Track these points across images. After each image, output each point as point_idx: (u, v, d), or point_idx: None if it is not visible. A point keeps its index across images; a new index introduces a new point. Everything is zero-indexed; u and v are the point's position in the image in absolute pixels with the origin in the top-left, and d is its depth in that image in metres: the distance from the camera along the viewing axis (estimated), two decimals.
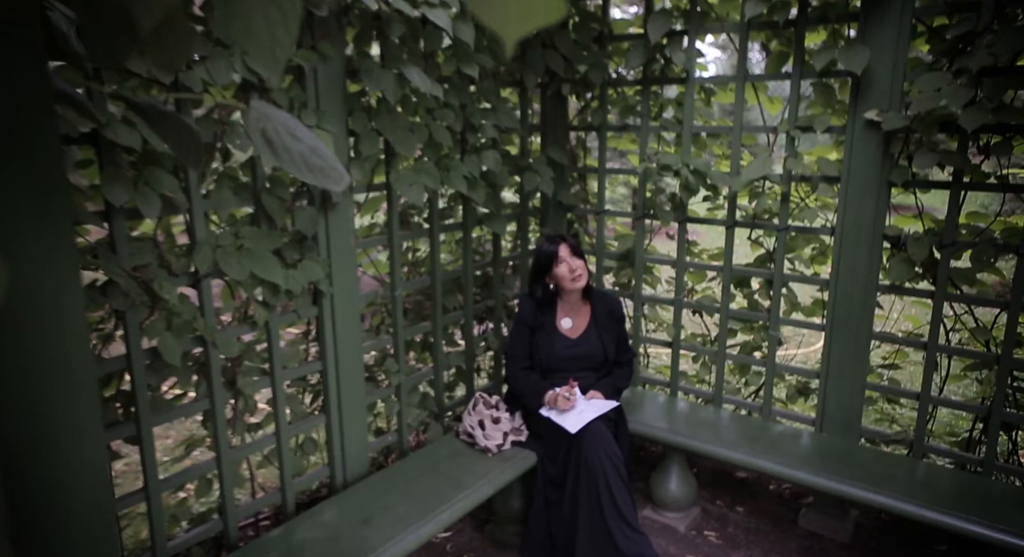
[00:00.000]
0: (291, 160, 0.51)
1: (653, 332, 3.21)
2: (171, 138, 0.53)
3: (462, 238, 2.60)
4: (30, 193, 0.59)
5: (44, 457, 0.99)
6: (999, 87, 1.94)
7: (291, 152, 0.51)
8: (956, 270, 2.17)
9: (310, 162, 0.52)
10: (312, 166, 0.52)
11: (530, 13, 0.36)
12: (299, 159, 0.52)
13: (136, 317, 1.69)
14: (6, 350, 0.85)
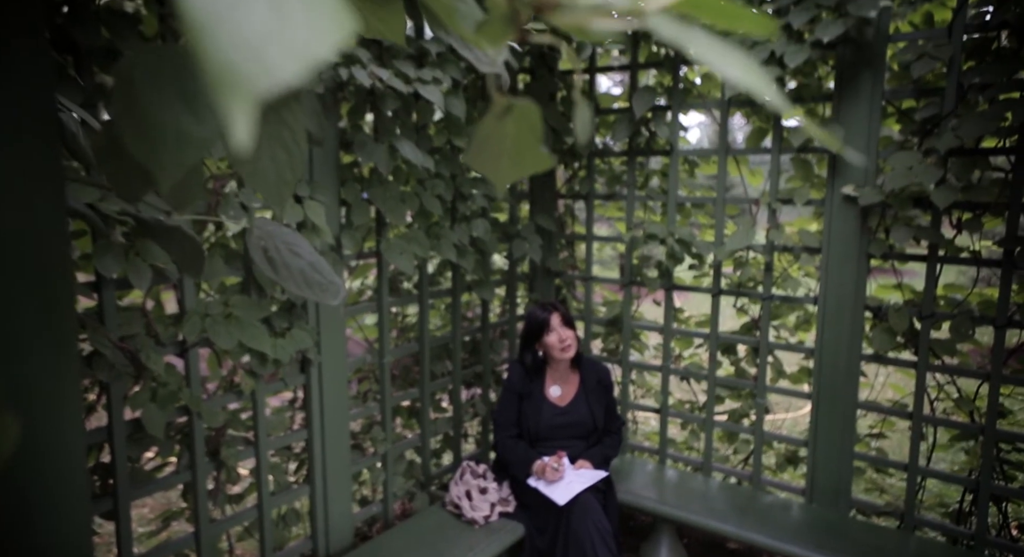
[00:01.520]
0: (290, 277, 0.53)
1: (641, 398, 3.21)
2: (175, 250, 0.55)
3: (451, 304, 2.61)
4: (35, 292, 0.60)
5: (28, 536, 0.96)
6: (966, 167, 2.03)
7: (291, 269, 0.53)
8: (937, 341, 2.20)
9: (308, 278, 0.54)
10: (311, 282, 0.54)
11: (520, 167, 0.40)
12: (298, 275, 0.54)
13: (120, 388, 1.68)
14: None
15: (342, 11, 0.21)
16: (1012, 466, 2.32)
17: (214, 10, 0.19)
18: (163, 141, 0.35)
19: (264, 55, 0.19)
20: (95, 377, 1.63)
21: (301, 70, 0.19)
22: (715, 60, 0.25)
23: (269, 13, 0.20)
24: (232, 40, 0.19)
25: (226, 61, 0.19)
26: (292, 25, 0.20)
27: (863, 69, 2.17)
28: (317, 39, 0.20)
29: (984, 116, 1.96)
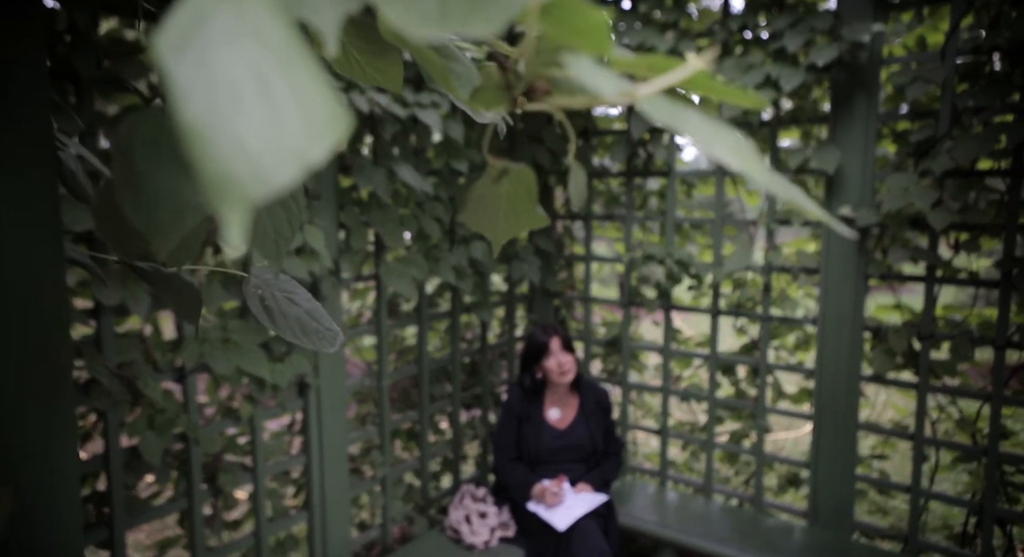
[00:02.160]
0: (287, 326, 0.53)
1: (641, 419, 3.19)
2: (173, 298, 0.55)
3: (450, 326, 2.61)
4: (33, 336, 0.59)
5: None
6: (962, 188, 2.04)
7: (287, 318, 0.53)
8: (937, 362, 2.20)
9: (306, 326, 0.54)
10: (307, 330, 0.54)
11: (515, 225, 0.40)
12: (295, 324, 0.53)
13: (117, 415, 1.67)
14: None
15: (336, 110, 0.21)
16: (1016, 488, 2.30)
17: (211, 115, 0.19)
18: (160, 210, 0.35)
19: (260, 162, 0.19)
20: (92, 405, 1.62)
21: (296, 175, 0.20)
22: (709, 145, 0.25)
23: (265, 117, 0.20)
24: (228, 147, 0.19)
25: (222, 169, 0.19)
26: (287, 129, 0.20)
27: (858, 92, 2.19)
28: (312, 142, 0.20)
29: (979, 138, 1.97)
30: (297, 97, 0.20)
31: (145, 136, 0.36)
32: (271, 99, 0.20)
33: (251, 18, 0.21)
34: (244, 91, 0.20)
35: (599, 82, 0.23)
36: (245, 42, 0.21)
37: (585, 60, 0.25)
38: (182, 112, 0.19)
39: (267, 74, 0.20)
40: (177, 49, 0.20)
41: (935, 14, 2.36)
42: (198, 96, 0.19)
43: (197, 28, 0.20)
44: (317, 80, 0.21)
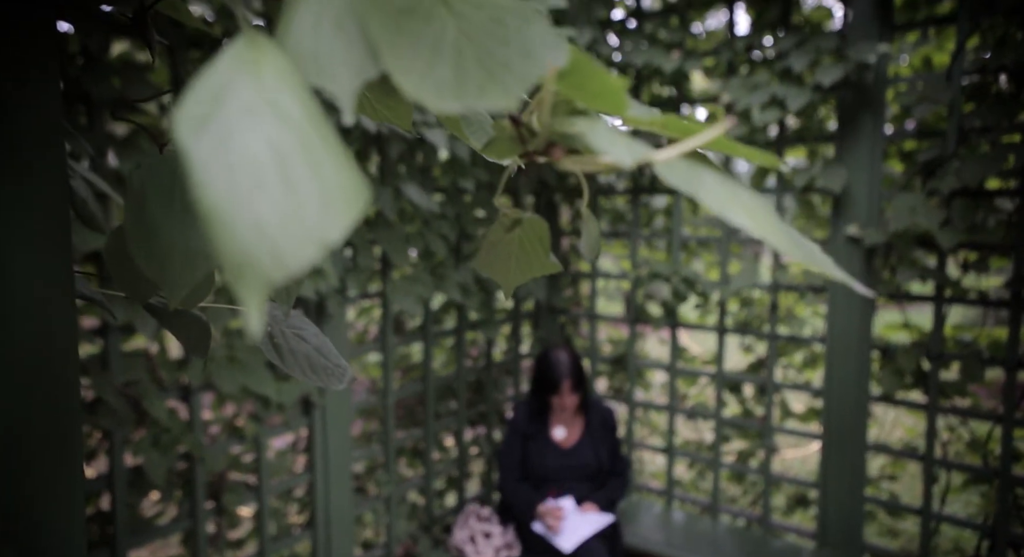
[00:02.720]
0: (296, 363, 0.53)
1: (647, 437, 3.17)
2: (182, 333, 0.55)
3: (455, 344, 2.60)
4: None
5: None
6: (970, 208, 2.03)
7: (296, 355, 0.53)
8: (946, 382, 2.18)
9: (314, 362, 0.54)
10: (316, 367, 0.54)
11: (528, 271, 0.40)
12: (303, 361, 0.53)
13: (122, 435, 1.67)
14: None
15: (354, 185, 0.21)
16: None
17: (231, 198, 0.19)
18: (171, 259, 0.35)
19: (279, 245, 0.19)
20: (97, 424, 1.62)
21: (315, 256, 0.20)
22: (725, 209, 0.25)
23: (284, 199, 0.20)
24: (248, 231, 0.19)
25: (241, 253, 0.19)
26: (306, 210, 0.20)
27: (864, 111, 2.19)
28: (331, 222, 0.20)
29: (986, 158, 1.97)
30: (316, 175, 0.20)
31: (158, 182, 0.36)
32: (290, 179, 0.20)
33: (269, 89, 0.22)
34: (264, 172, 0.20)
35: (618, 151, 0.23)
36: (264, 117, 0.21)
37: (602, 127, 0.25)
38: (202, 195, 0.19)
39: (286, 152, 0.20)
40: (197, 128, 0.20)
41: (941, 34, 2.37)
42: (218, 178, 0.19)
43: (216, 104, 0.20)
44: (335, 155, 0.21)
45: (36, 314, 0.60)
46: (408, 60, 0.23)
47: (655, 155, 0.24)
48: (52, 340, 0.57)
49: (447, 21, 0.25)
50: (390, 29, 0.24)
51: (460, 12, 0.25)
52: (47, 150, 0.56)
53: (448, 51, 0.24)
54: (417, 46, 0.24)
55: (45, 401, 0.59)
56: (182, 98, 0.21)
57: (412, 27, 0.24)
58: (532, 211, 2.96)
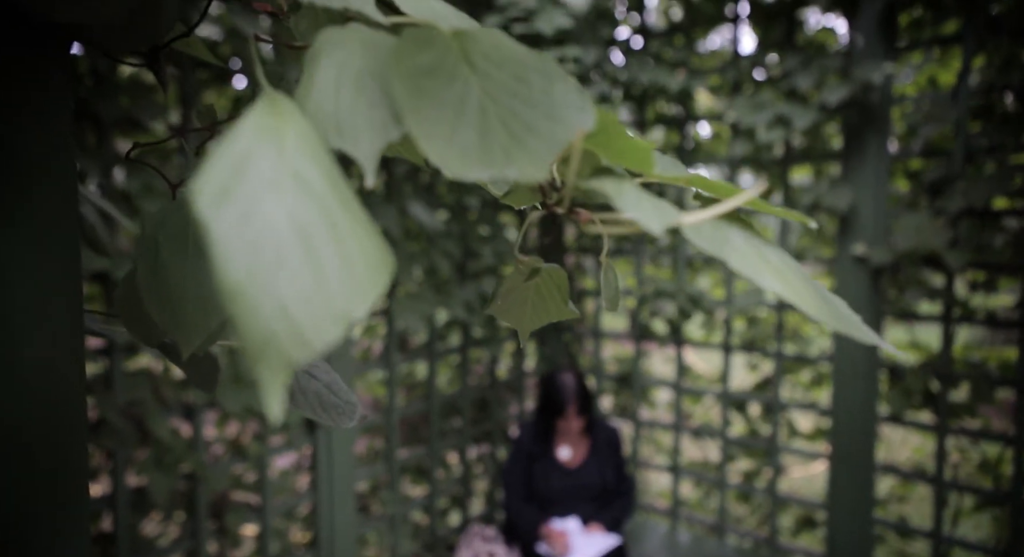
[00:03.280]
0: (306, 402, 0.52)
1: (653, 455, 3.15)
2: (191, 369, 0.54)
3: (460, 362, 2.59)
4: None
5: None
6: (977, 228, 2.02)
7: (306, 394, 0.52)
8: (956, 404, 2.16)
9: (324, 400, 0.53)
10: (326, 404, 0.53)
11: (544, 317, 0.39)
12: (313, 399, 0.53)
13: (125, 454, 1.66)
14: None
15: (379, 258, 0.20)
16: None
17: (253, 276, 0.19)
18: (184, 308, 0.34)
19: (302, 325, 0.19)
20: (101, 444, 1.61)
21: (339, 334, 0.19)
22: (755, 273, 0.24)
23: (307, 276, 0.19)
24: (270, 310, 0.18)
25: (263, 333, 0.18)
26: (330, 288, 0.19)
27: (870, 131, 2.19)
28: (355, 300, 0.19)
29: (993, 178, 1.96)
30: (339, 250, 0.20)
31: (170, 230, 0.35)
32: (313, 256, 0.19)
33: (291, 159, 0.21)
34: (286, 248, 0.19)
35: (646, 217, 0.23)
36: (286, 189, 0.20)
37: (629, 191, 0.24)
38: (224, 274, 0.18)
39: (309, 226, 0.20)
40: (218, 201, 0.19)
41: (946, 54, 2.37)
42: (239, 256, 0.19)
43: (238, 176, 0.20)
44: (359, 227, 0.20)
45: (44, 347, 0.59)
46: (432, 123, 0.23)
47: (684, 219, 0.24)
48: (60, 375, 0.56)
49: (470, 80, 0.24)
50: (412, 90, 0.23)
51: (483, 71, 0.25)
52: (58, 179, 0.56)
53: (472, 113, 0.23)
54: (441, 108, 0.23)
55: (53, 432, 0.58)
56: (201, 168, 0.20)
57: (435, 88, 0.24)
58: (537, 228, 2.95)
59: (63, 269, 0.56)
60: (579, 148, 0.23)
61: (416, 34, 0.25)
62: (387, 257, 0.21)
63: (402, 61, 0.24)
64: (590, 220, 0.26)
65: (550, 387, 2.31)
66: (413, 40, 0.25)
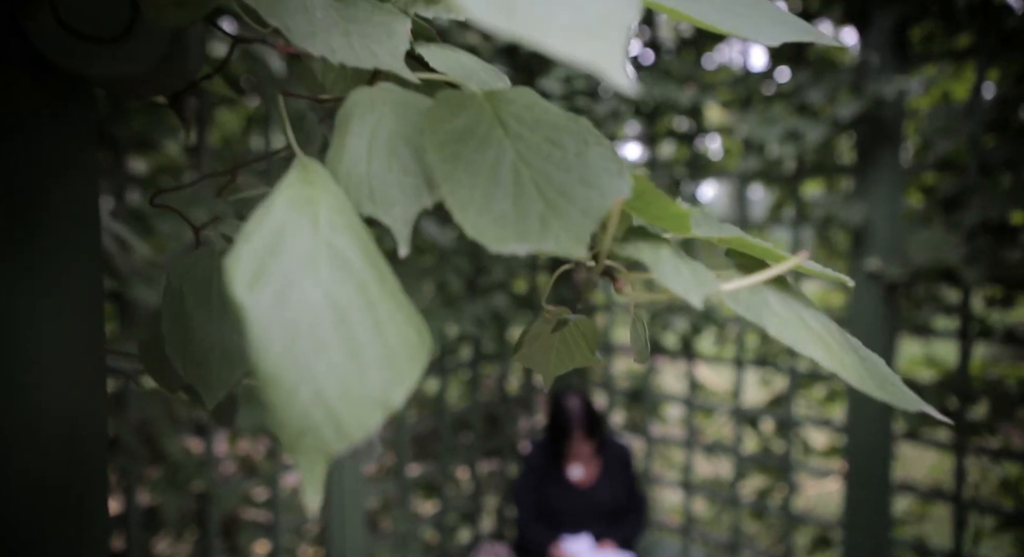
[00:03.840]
0: None
1: (664, 470, 3.12)
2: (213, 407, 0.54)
3: (471, 377, 2.59)
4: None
5: None
6: (993, 243, 2.00)
7: None
8: (975, 422, 2.13)
9: None
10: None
11: (569, 363, 0.38)
12: None
13: (137, 473, 1.66)
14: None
15: (417, 338, 0.20)
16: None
17: (290, 362, 0.18)
18: (209, 361, 0.34)
19: (340, 414, 0.18)
20: (114, 463, 1.61)
21: (378, 422, 0.18)
22: (796, 340, 0.24)
23: (345, 361, 0.19)
24: (308, 398, 0.18)
25: (301, 420, 0.18)
26: (368, 374, 0.19)
27: (883, 145, 2.18)
28: (394, 385, 0.19)
29: (1009, 192, 1.94)
30: (377, 332, 0.19)
31: (194, 281, 0.35)
32: (351, 338, 0.19)
33: (325, 232, 0.21)
34: (324, 331, 0.19)
35: (685, 288, 0.22)
36: (322, 265, 0.20)
37: (667, 259, 0.23)
38: (260, 360, 0.18)
39: (346, 307, 0.19)
40: (253, 281, 0.19)
41: (959, 67, 2.36)
42: (277, 340, 0.18)
43: (272, 253, 0.20)
44: (396, 304, 0.20)
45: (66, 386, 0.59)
46: (466, 191, 0.22)
47: (724, 287, 0.23)
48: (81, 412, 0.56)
49: (504, 143, 0.24)
50: (446, 157, 0.23)
51: (516, 133, 0.24)
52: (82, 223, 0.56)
53: (506, 178, 0.23)
54: (475, 174, 0.23)
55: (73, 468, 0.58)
56: (235, 244, 0.20)
57: (468, 152, 0.23)
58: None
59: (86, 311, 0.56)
60: (616, 216, 0.23)
61: (449, 97, 0.24)
62: (424, 337, 0.20)
63: (436, 127, 0.23)
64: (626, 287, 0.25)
65: (555, 412, 2.30)
66: (446, 103, 0.24)
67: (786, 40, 0.27)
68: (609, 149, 0.24)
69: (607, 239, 0.23)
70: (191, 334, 0.34)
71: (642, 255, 0.23)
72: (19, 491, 0.45)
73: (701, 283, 0.23)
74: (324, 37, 0.26)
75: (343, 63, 0.26)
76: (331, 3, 0.28)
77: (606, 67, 0.16)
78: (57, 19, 0.32)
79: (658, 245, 0.24)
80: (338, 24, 0.27)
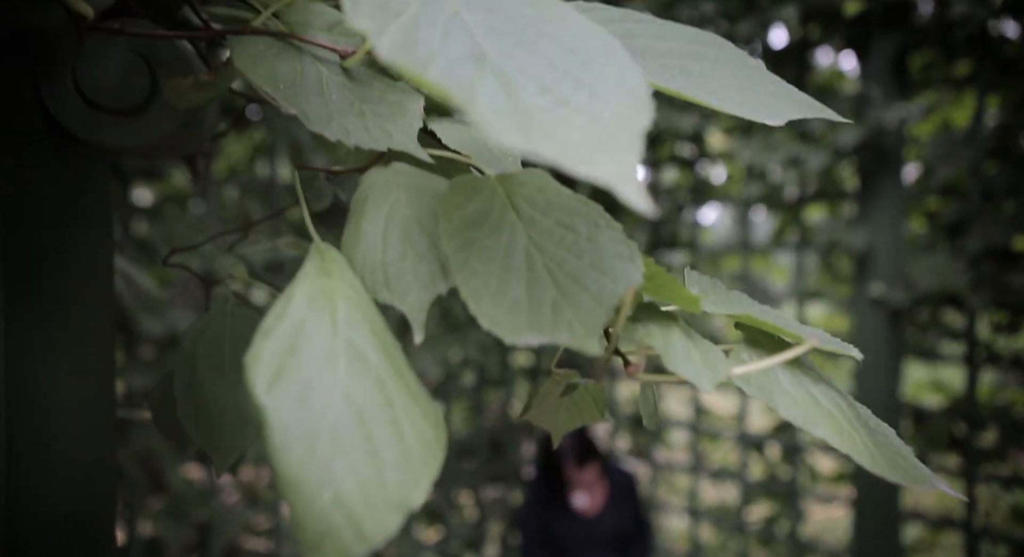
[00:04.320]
0: None
1: (670, 498, 3.08)
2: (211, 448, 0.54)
3: (475, 403, 2.58)
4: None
5: None
6: (997, 269, 2.00)
7: None
8: (983, 450, 2.11)
9: None
10: None
11: (577, 421, 0.39)
12: None
13: (140, 503, 1.65)
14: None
15: (433, 435, 0.20)
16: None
17: (310, 464, 0.18)
18: (222, 426, 0.34)
19: (359, 515, 0.18)
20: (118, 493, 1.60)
21: (397, 525, 0.19)
22: (806, 421, 0.24)
23: (366, 462, 0.19)
24: (328, 498, 0.18)
25: (321, 524, 0.18)
26: (386, 473, 0.19)
27: (885, 172, 2.19)
28: (412, 485, 0.19)
29: (1012, 218, 1.95)
30: (395, 432, 0.20)
31: (208, 345, 0.36)
32: (370, 439, 0.19)
33: (344, 328, 0.21)
34: (343, 432, 0.19)
35: (696, 374, 0.23)
36: (340, 363, 0.20)
37: (678, 344, 0.24)
38: (282, 462, 0.18)
39: (365, 407, 0.20)
40: (273, 383, 0.19)
41: (960, 94, 2.38)
42: (297, 442, 0.18)
43: (292, 352, 0.20)
44: (413, 401, 0.20)
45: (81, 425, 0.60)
46: (481, 278, 0.23)
47: (735, 371, 0.23)
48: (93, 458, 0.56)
49: (517, 227, 0.25)
50: (461, 244, 0.23)
51: (529, 217, 0.25)
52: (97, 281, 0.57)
53: (519, 264, 0.24)
54: (488, 260, 0.23)
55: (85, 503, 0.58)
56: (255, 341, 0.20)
57: (482, 238, 0.24)
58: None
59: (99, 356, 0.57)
60: (628, 305, 0.23)
61: (463, 182, 0.25)
62: (439, 430, 0.20)
63: (450, 213, 0.24)
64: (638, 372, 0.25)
65: (543, 444, 2.30)
66: (460, 189, 0.25)
67: (791, 118, 0.28)
68: (620, 232, 0.25)
69: (619, 326, 0.23)
70: (204, 399, 0.34)
71: (653, 340, 0.23)
72: (38, 525, 0.45)
73: (712, 368, 0.23)
74: (340, 119, 0.27)
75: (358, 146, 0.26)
76: (346, 83, 0.29)
77: (621, 185, 0.16)
78: (78, 92, 0.33)
79: (668, 327, 0.25)
80: (353, 104, 0.28)
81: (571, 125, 0.18)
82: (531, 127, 0.18)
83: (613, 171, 0.17)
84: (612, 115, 0.18)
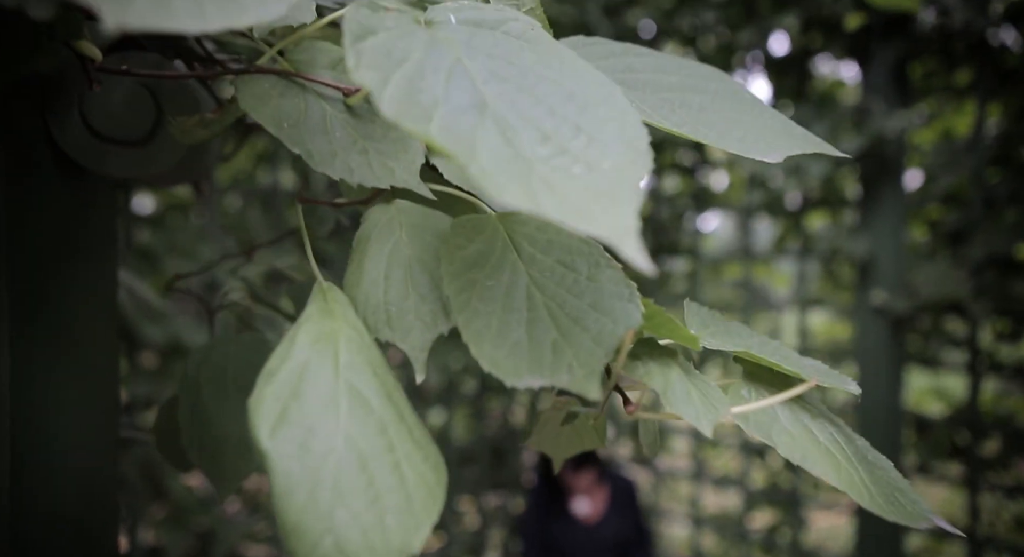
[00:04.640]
0: None
1: (672, 505, 3.08)
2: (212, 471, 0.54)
3: (476, 410, 2.58)
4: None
5: None
6: (1000, 277, 2.00)
7: None
8: (987, 458, 2.10)
9: None
10: None
11: (577, 446, 0.39)
12: None
13: (142, 512, 1.65)
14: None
15: (435, 481, 0.20)
16: None
17: (314, 510, 0.19)
18: (224, 453, 0.34)
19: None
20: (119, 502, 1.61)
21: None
22: (802, 458, 0.24)
23: (367, 509, 0.19)
24: (330, 545, 0.18)
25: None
26: (387, 520, 0.19)
27: (886, 180, 2.19)
28: (411, 531, 0.19)
29: (1014, 226, 1.95)
30: (396, 477, 0.20)
31: (211, 371, 0.36)
32: (371, 484, 0.19)
33: (345, 371, 0.21)
34: (345, 478, 0.19)
35: (695, 416, 0.23)
36: (342, 407, 0.20)
37: (677, 385, 0.24)
38: (284, 508, 0.19)
39: (367, 452, 0.20)
40: (276, 428, 0.20)
41: (960, 103, 2.38)
42: (299, 488, 0.19)
43: (295, 397, 0.20)
44: (413, 445, 0.21)
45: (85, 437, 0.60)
46: (482, 319, 0.23)
47: (734, 411, 0.24)
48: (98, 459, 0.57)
49: (518, 266, 0.25)
50: (462, 285, 0.24)
51: (529, 255, 0.25)
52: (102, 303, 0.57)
53: (520, 304, 0.24)
54: (490, 301, 0.24)
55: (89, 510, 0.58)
56: (258, 384, 0.21)
57: (483, 278, 0.24)
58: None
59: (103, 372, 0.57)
60: (627, 346, 0.24)
61: (464, 223, 0.25)
62: (440, 473, 0.21)
63: (452, 254, 0.24)
64: (637, 411, 0.26)
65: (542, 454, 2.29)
66: (462, 229, 0.25)
67: (789, 154, 0.28)
68: (619, 272, 0.25)
69: (619, 364, 0.24)
70: (207, 425, 0.35)
71: (653, 380, 0.24)
72: (41, 530, 0.46)
73: (711, 409, 0.23)
74: (343, 157, 0.27)
75: (361, 184, 0.27)
76: (349, 120, 0.29)
77: (620, 242, 0.17)
78: (84, 123, 0.34)
79: (668, 366, 0.25)
80: (356, 142, 0.28)
81: (570, 175, 0.18)
82: (531, 180, 0.18)
83: (612, 226, 0.17)
84: (611, 166, 0.19)
